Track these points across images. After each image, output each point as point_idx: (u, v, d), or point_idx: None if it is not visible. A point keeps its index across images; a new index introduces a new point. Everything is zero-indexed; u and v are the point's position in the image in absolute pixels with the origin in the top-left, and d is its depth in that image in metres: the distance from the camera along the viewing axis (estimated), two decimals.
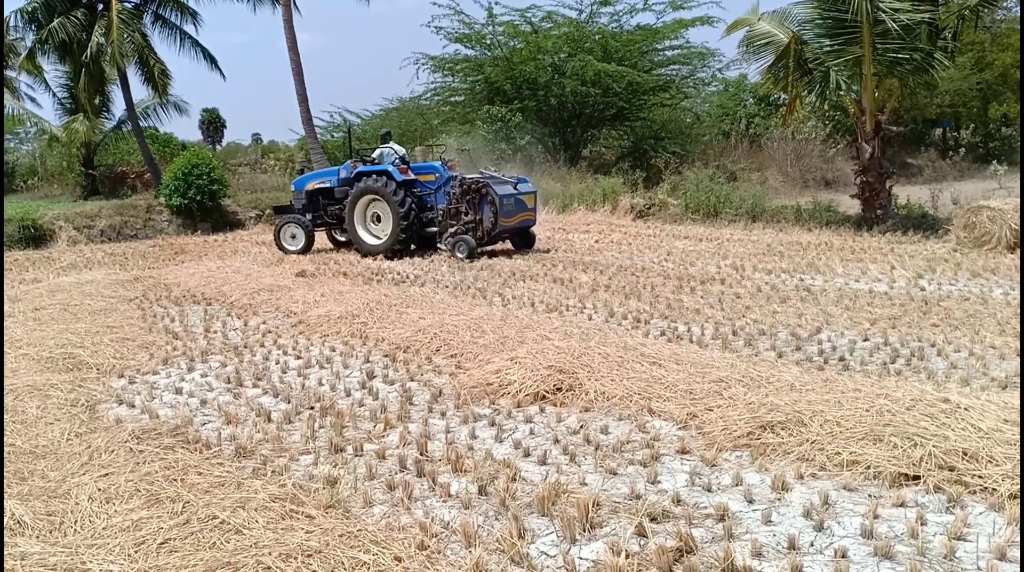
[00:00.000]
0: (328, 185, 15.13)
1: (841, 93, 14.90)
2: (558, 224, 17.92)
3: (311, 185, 15.38)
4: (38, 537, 3.57)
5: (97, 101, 27.01)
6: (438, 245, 13.79)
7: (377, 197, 13.81)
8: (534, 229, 14.28)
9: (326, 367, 6.72)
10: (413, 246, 14.17)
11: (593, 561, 3.35)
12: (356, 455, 4.69)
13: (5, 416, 5.40)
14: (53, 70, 27.42)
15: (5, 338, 7.77)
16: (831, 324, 7.37)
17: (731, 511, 3.73)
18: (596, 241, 14.77)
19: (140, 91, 26.71)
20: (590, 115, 26.38)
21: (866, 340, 6.83)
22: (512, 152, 24.74)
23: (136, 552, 3.41)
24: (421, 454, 4.60)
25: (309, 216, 15.10)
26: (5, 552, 3.40)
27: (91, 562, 3.33)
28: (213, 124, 64.81)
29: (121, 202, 22.20)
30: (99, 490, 4.03)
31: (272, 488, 4.04)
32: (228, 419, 5.40)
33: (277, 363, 6.90)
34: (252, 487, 4.05)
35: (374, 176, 13.92)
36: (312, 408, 5.58)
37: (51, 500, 3.95)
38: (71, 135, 26.37)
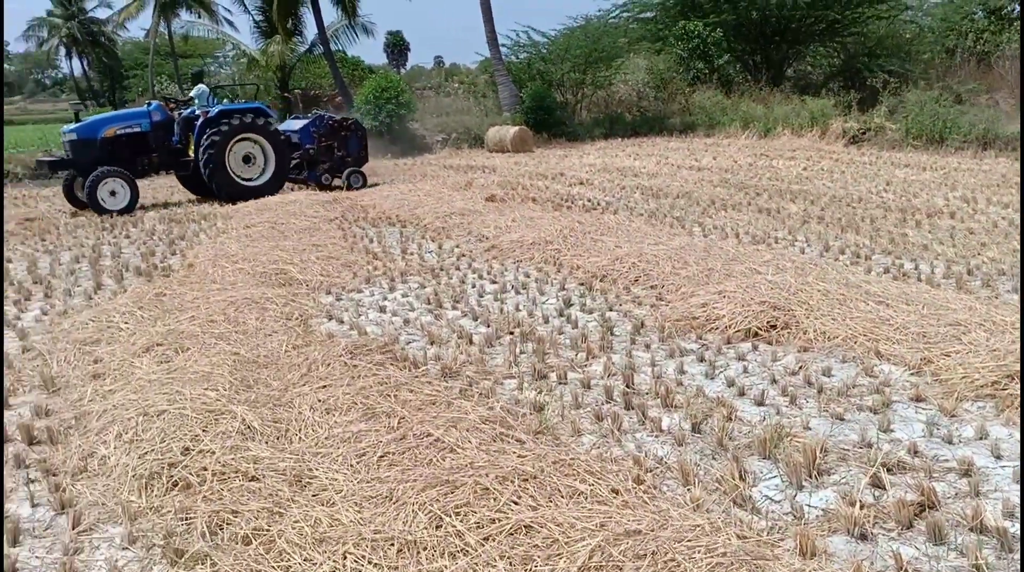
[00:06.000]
0: (138, 130, 13.07)
1: None
2: (760, 150, 16.99)
3: (110, 131, 12.85)
4: (267, 443, 3.73)
5: (289, 24, 27.86)
6: (320, 179, 14.53)
7: (247, 136, 13.19)
8: None
9: (522, 293, 6.68)
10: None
11: (823, 510, 3.15)
12: (560, 383, 4.61)
13: (228, 326, 5.71)
14: None
15: (222, 253, 8.24)
16: None
17: (976, 466, 3.38)
18: (804, 168, 13.91)
19: (329, 14, 27.34)
20: (796, 30, 24.51)
21: None
22: (708, 72, 23.52)
23: (358, 463, 3.49)
24: (627, 386, 4.46)
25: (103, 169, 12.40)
26: (238, 455, 3.57)
27: (317, 469, 3.44)
28: (397, 47, 66.52)
29: None
30: (319, 401, 4.17)
31: (481, 410, 4.03)
32: (431, 339, 5.47)
33: (473, 286, 6.94)
34: (462, 408, 4.06)
35: (241, 116, 13.17)
36: (511, 333, 5.55)
37: (276, 408, 4.12)
38: (267, 58, 27.46)
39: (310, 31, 28.74)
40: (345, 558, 2.78)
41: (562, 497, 3.15)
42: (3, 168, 17.06)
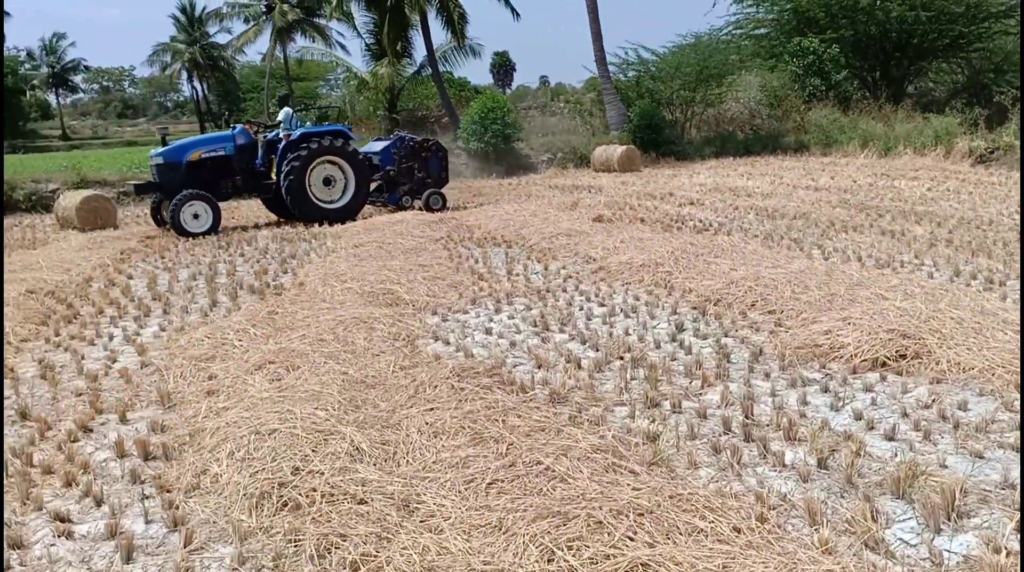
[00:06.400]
0: (223, 153, 13.20)
1: None
2: (880, 169, 16.27)
3: (196, 154, 13.00)
4: (375, 465, 3.68)
5: (399, 46, 28.50)
6: (400, 202, 14.39)
7: (328, 159, 13.19)
8: None
9: (631, 316, 6.50)
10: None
11: (964, 556, 2.89)
12: (674, 411, 4.42)
13: (337, 345, 5.75)
14: (361, 16, 29.49)
15: (332, 272, 8.37)
16: None
17: None
18: (928, 189, 13.24)
19: (438, 36, 27.94)
20: (918, 45, 23.53)
21: None
22: (825, 89, 22.74)
23: (466, 489, 3.40)
24: (746, 417, 4.23)
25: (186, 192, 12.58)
26: (347, 477, 3.54)
27: (425, 494, 3.36)
28: (503, 67, 67.38)
29: None
30: (427, 424, 4.11)
31: (592, 438, 3.89)
32: (538, 362, 5.36)
33: (581, 309, 6.80)
34: (572, 435, 3.92)
35: (329, 138, 13.26)
36: (622, 358, 5.38)
37: (384, 430, 4.08)
38: (377, 80, 28.20)
39: (419, 53, 29.28)
40: None
41: (680, 534, 2.98)
42: (2, 187, 17.52)
